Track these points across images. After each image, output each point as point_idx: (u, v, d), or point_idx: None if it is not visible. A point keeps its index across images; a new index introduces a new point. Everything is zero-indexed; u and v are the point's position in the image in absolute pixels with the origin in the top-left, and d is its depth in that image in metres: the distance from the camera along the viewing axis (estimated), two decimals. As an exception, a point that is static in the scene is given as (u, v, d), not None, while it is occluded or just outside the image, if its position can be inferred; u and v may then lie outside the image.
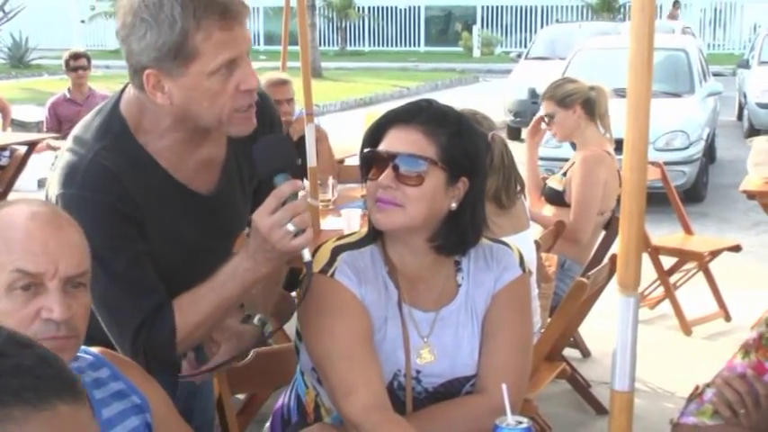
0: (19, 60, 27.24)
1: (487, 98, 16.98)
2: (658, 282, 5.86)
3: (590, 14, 30.32)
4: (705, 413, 1.97)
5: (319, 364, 2.06)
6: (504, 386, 1.81)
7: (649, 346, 5.41)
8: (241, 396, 3.41)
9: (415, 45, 35.48)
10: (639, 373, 5.02)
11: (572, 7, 31.09)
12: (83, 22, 33.45)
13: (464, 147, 2.07)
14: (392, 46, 35.40)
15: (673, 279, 5.97)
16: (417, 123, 2.05)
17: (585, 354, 5.24)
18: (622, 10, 30.66)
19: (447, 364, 2.11)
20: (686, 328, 5.63)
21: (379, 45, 35.49)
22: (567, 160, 4.94)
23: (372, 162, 2.06)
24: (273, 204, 1.89)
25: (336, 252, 2.09)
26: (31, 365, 1.06)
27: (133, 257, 1.98)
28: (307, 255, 1.93)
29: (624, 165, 1.57)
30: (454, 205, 2.08)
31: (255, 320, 2.23)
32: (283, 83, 5.17)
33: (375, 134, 2.09)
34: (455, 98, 18.45)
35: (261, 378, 2.60)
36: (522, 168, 4.07)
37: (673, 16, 24.66)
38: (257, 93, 2.03)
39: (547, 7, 31.82)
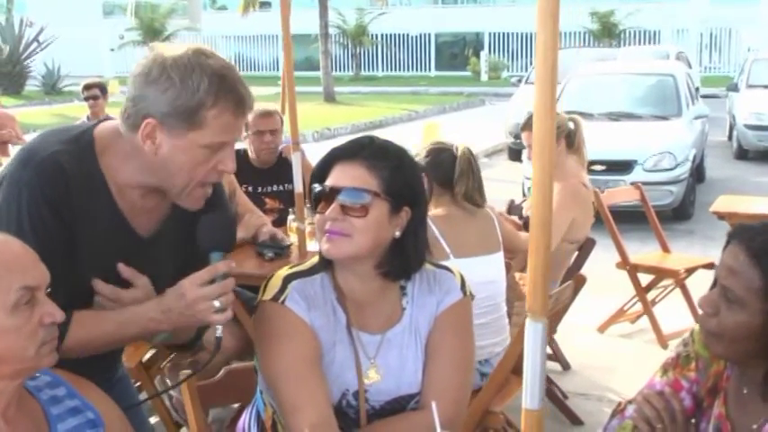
0: (52, 87, 27.58)
1: (491, 121, 17.08)
2: (637, 297, 5.89)
3: (591, 40, 30.41)
4: (626, 428, 2.01)
5: (271, 384, 2.11)
6: (433, 403, 1.85)
7: (627, 359, 5.45)
8: (235, 405, 3.47)
9: (426, 70, 35.64)
10: (617, 385, 5.06)
11: (575, 33, 31.17)
12: (112, 50, 33.79)
13: (405, 179, 2.13)
14: (404, 71, 35.58)
15: (652, 295, 6.01)
16: (361, 159, 2.11)
17: (565, 366, 5.27)
18: (622, 35, 30.75)
19: (392, 383, 2.16)
20: (663, 341, 5.66)
21: (392, 70, 35.69)
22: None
23: (321, 196, 2.13)
24: (206, 278, 2.00)
25: (287, 280, 2.15)
26: None
27: (52, 257, 1.88)
28: (219, 331, 2.04)
29: (533, 202, 1.63)
30: (398, 233, 2.13)
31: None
32: (269, 114, 5.15)
33: (322, 170, 2.15)
34: (461, 121, 18.54)
35: (231, 393, 2.66)
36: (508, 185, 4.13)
37: None
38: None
39: (551, 33, 31.87)
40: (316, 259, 2.22)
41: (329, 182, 2.11)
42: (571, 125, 4.73)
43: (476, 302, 3.33)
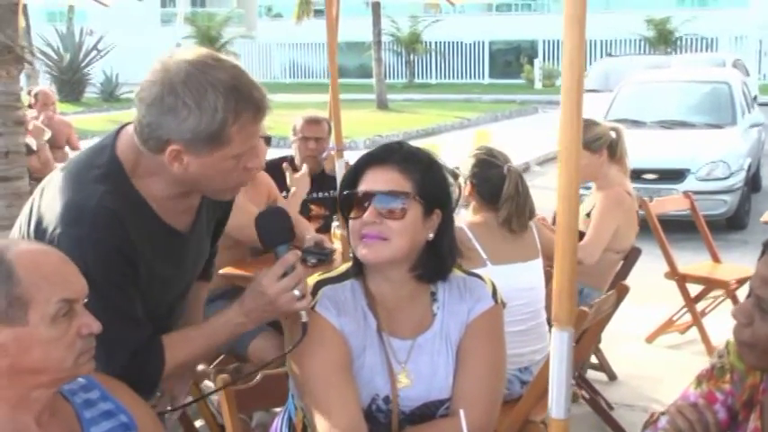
0: (110, 94, 28.04)
1: (544, 129, 16.96)
2: (687, 308, 5.80)
3: (647, 47, 30.06)
4: (658, 440, 1.99)
5: (301, 388, 2.13)
6: (461, 411, 1.85)
7: (675, 370, 5.36)
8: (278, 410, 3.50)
9: (479, 78, 35.53)
10: (664, 396, 4.99)
11: (631, 40, 30.86)
12: (169, 58, 34.19)
13: (435, 181, 2.15)
14: (458, 79, 35.51)
15: (702, 305, 5.91)
16: (393, 162, 2.13)
17: (612, 377, 5.21)
18: (679, 43, 30.34)
19: (423, 388, 2.16)
20: (712, 353, 5.55)
21: (445, 78, 35.64)
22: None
23: (353, 202, 2.13)
24: (280, 271, 2.05)
25: (318, 286, 2.17)
26: None
27: (128, 293, 2.06)
28: (305, 316, 2.07)
29: (558, 209, 1.61)
30: (431, 236, 2.15)
31: None
32: (317, 121, 5.17)
33: (353, 177, 2.16)
34: (513, 128, 18.45)
35: (267, 397, 2.68)
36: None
37: None
38: None
39: (607, 41, 31.61)
40: (347, 266, 2.23)
41: (362, 187, 2.13)
42: (613, 135, 4.67)
43: (514, 309, 3.34)
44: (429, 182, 2.13)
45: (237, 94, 1.95)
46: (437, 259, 2.17)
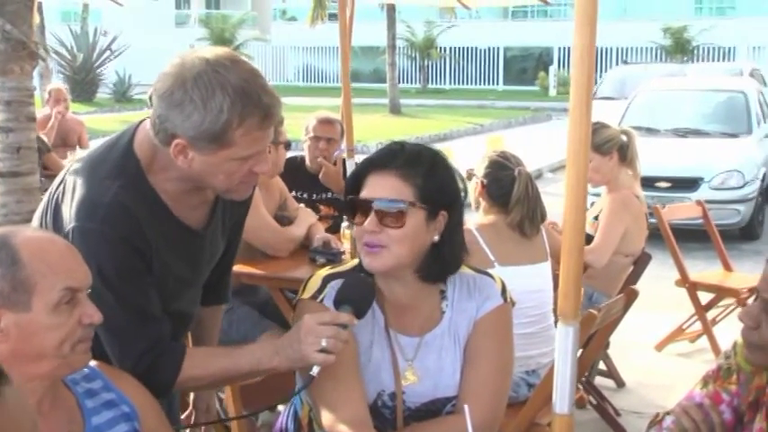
0: (122, 95, 28.17)
1: (558, 136, 16.95)
2: (697, 316, 5.79)
3: (664, 56, 30.01)
4: (662, 440, 2.00)
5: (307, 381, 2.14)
6: (466, 407, 1.86)
7: (685, 379, 5.31)
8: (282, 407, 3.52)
9: (493, 84, 35.55)
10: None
11: (647, 48, 30.82)
12: (183, 59, 34.34)
13: (439, 183, 2.14)
14: (472, 84, 35.54)
15: (713, 314, 5.90)
16: (393, 168, 2.12)
17: (620, 384, 5.21)
18: (696, 52, 30.28)
19: (429, 385, 2.18)
20: (722, 361, 5.54)
21: (459, 84, 35.66)
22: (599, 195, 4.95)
23: (356, 208, 2.14)
24: (326, 318, 2.02)
25: (327, 280, 2.18)
26: None
27: (141, 287, 2.07)
28: (316, 371, 2.01)
29: (565, 206, 1.63)
30: (436, 237, 2.15)
31: None
32: (329, 122, 5.20)
33: (356, 181, 2.16)
34: (526, 135, 18.46)
35: (273, 393, 2.69)
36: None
37: None
38: None
39: (622, 49, 31.56)
40: (356, 261, 2.24)
41: (364, 193, 2.13)
42: (624, 138, 4.69)
43: (522, 312, 3.35)
44: (432, 185, 2.12)
45: (245, 98, 1.95)
46: (440, 261, 2.17)
